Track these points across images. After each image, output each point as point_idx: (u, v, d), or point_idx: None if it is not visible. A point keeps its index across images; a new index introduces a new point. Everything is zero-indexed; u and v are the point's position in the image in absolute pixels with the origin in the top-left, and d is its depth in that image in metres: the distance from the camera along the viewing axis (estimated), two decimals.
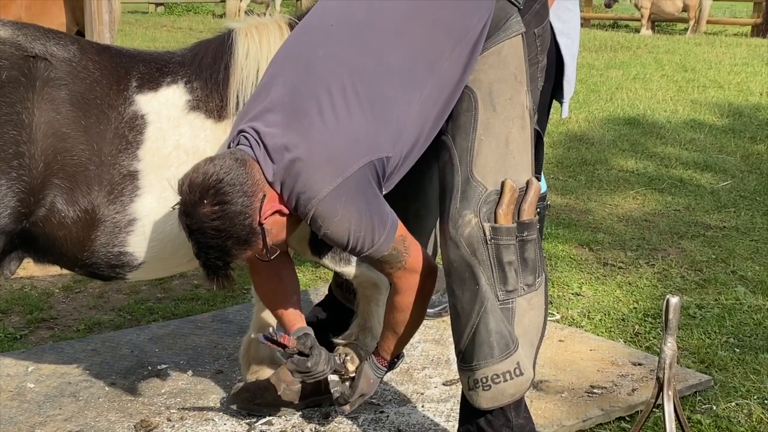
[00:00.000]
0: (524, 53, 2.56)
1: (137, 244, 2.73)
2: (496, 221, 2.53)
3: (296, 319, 2.79)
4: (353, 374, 2.83)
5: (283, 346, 2.64)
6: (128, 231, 2.70)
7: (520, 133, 2.57)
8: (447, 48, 2.46)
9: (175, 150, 2.73)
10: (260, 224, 2.36)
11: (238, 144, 2.43)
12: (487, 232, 2.52)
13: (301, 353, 2.66)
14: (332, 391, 3.12)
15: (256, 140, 2.39)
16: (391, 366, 2.80)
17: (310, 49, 2.47)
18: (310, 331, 2.75)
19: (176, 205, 2.38)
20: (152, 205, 2.71)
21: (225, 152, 2.40)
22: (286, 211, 2.42)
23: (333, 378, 2.85)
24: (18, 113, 2.52)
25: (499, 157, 2.54)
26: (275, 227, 2.42)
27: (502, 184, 2.53)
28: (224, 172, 2.31)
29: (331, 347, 3.17)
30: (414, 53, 2.46)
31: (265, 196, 2.36)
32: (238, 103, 2.77)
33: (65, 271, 2.92)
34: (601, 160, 7.33)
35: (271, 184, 2.38)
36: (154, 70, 2.77)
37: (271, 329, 2.61)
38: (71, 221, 2.62)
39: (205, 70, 2.80)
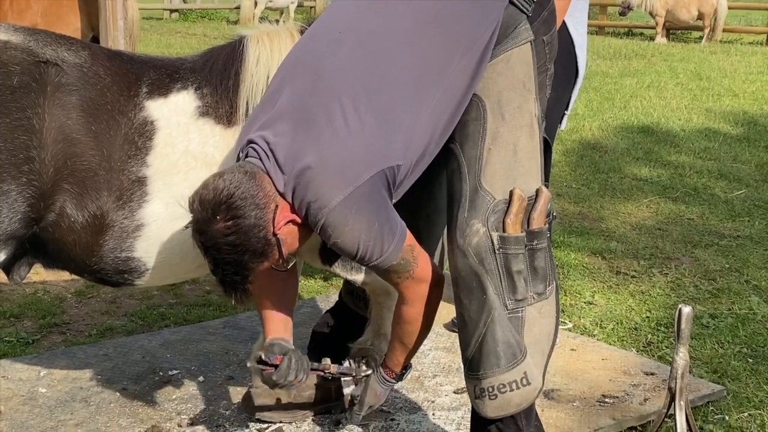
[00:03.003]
0: (533, 61, 2.55)
1: (145, 250, 2.74)
2: (504, 230, 2.51)
3: (277, 327, 2.69)
4: (367, 374, 2.81)
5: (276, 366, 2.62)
6: (136, 236, 2.71)
7: (529, 141, 2.55)
8: (456, 56, 2.44)
9: (184, 156, 2.73)
10: (275, 235, 2.34)
11: (247, 156, 2.41)
12: (495, 242, 2.51)
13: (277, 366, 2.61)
14: (344, 392, 3.10)
15: (265, 151, 2.37)
16: (399, 377, 2.77)
17: (319, 57, 2.46)
18: (284, 341, 2.66)
19: (189, 224, 2.35)
20: (160, 211, 2.71)
21: (233, 166, 2.38)
22: (299, 220, 2.39)
23: (347, 379, 2.83)
24: (29, 118, 2.53)
25: (508, 166, 2.53)
26: (290, 237, 2.40)
27: (511, 193, 2.52)
28: (234, 186, 2.28)
29: (346, 353, 3.16)
30: (423, 62, 2.44)
31: (277, 206, 2.34)
32: (247, 110, 2.76)
33: (78, 276, 2.93)
34: (614, 168, 7.31)
35: (282, 195, 2.36)
36: (165, 76, 2.77)
37: (262, 354, 2.60)
38: (80, 226, 2.63)
39: (216, 76, 2.80)
